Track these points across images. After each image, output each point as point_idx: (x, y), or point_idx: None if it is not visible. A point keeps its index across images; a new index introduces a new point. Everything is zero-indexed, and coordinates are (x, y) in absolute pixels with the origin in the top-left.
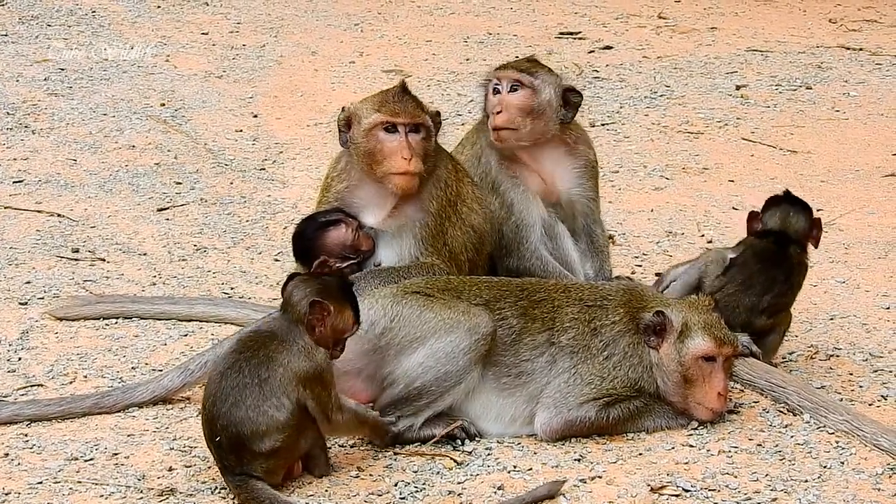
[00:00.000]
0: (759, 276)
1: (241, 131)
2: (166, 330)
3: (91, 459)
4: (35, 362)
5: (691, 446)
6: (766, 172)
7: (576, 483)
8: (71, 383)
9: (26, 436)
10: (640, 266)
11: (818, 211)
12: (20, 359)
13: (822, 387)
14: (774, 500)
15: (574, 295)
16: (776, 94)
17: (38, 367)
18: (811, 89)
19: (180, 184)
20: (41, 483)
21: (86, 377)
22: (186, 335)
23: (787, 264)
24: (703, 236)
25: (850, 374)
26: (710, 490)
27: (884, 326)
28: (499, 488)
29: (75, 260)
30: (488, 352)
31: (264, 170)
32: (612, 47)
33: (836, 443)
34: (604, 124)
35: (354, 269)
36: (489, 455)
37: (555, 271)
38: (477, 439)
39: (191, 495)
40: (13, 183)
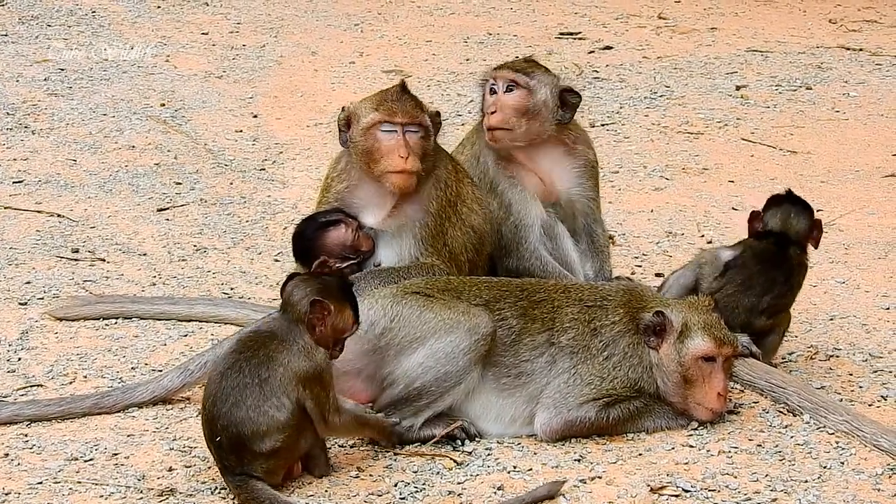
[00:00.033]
0: (759, 276)
1: (241, 131)
2: (166, 330)
3: (91, 460)
4: (35, 362)
5: (691, 447)
6: (766, 173)
7: (576, 483)
8: (71, 383)
9: (26, 436)
10: (640, 266)
11: (818, 211)
12: (20, 359)
13: (822, 387)
14: (774, 500)
15: (574, 295)
16: (776, 94)
17: (38, 368)
18: (811, 90)
19: (180, 184)
20: (41, 483)
21: (86, 377)
22: (186, 335)
23: (786, 265)
24: (703, 237)
25: (850, 375)
26: (709, 490)
27: (884, 327)
28: (499, 488)
29: (75, 260)
30: (488, 352)
31: (264, 170)
32: (612, 47)
33: (836, 443)
34: (604, 124)
35: (354, 269)
36: (489, 455)
37: (554, 271)
38: (477, 439)
39: (191, 495)
40: (13, 183)
